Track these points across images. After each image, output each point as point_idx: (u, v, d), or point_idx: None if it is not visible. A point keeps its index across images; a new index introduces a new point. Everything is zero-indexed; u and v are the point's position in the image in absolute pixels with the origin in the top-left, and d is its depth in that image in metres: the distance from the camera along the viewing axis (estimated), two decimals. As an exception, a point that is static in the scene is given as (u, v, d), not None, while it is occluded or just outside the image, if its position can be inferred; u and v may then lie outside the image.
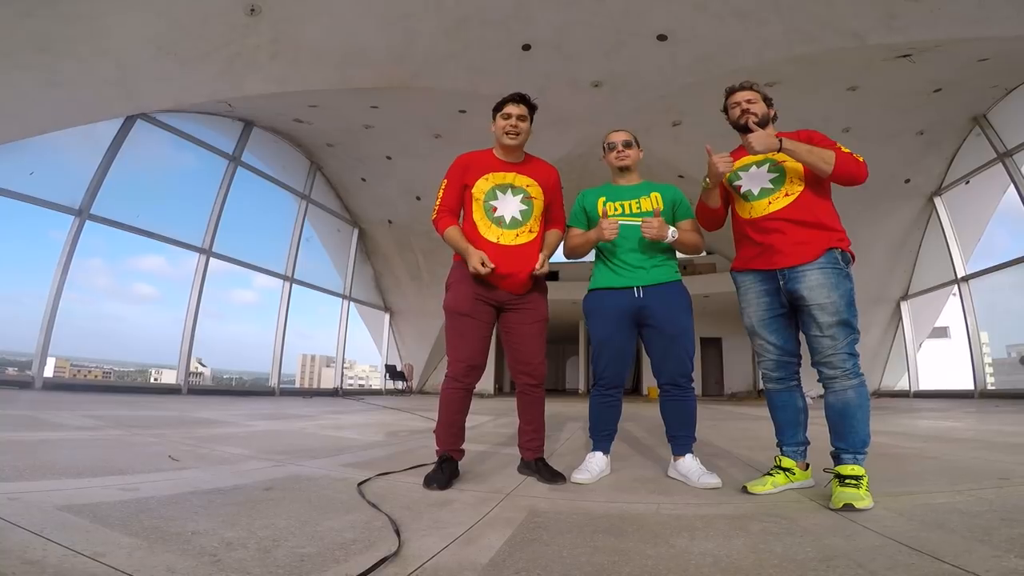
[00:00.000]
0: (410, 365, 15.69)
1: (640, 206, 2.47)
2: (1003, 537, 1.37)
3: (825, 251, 2.03)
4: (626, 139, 2.57)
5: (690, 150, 9.57)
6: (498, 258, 2.35)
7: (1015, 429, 4.31)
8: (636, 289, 2.40)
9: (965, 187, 10.53)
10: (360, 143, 11.13)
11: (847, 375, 1.96)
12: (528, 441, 2.47)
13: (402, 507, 1.79)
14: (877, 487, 1.88)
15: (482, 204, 2.41)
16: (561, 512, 1.81)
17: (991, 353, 10.88)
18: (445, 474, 2.19)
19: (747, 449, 3.44)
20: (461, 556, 1.33)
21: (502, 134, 2.45)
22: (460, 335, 2.36)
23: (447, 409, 2.36)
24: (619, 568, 1.24)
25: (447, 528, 1.57)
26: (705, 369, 18.35)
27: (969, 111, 9.46)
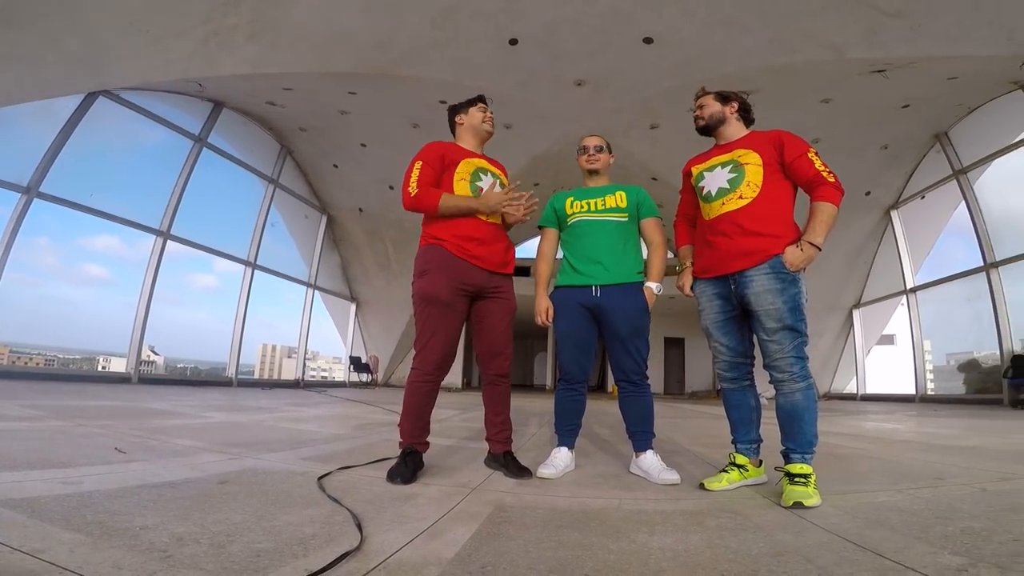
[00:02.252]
0: (375, 357, 15.48)
1: (604, 203, 2.52)
2: (938, 534, 1.45)
3: (772, 257, 2.05)
4: (598, 144, 2.63)
5: (666, 153, 9.80)
6: (487, 234, 2.39)
7: (950, 432, 4.56)
8: (594, 288, 2.44)
9: (920, 202, 11.07)
10: (334, 129, 10.92)
11: (795, 378, 2.02)
12: (497, 433, 2.47)
13: (364, 501, 1.77)
14: (825, 485, 1.96)
15: (468, 184, 2.41)
16: (527, 507, 1.82)
17: (932, 360, 11.51)
18: (409, 468, 2.17)
19: (705, 446, 3.54)
20: (426, 551, 1.32)
21: (480, 123, 2.52)
22: (434, 325, 2.31)
23: (414, 402, 2.32)
24: (582, 563, 1.26)
25: (411, 523, 1.55)
26: (668, 368, 18.76)
27: (932, 128, 9.91)
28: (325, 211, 13.88)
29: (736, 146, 2.25)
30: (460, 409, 6.35)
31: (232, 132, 10.76)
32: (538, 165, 10.86)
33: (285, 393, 9.38)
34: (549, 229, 2.67)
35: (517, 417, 5.56)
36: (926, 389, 10.96)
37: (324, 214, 13.89)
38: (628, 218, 2.51)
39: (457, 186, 2.39)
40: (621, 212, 2.49)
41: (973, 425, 5.24)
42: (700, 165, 2.34)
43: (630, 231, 2.53)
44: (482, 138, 2.56)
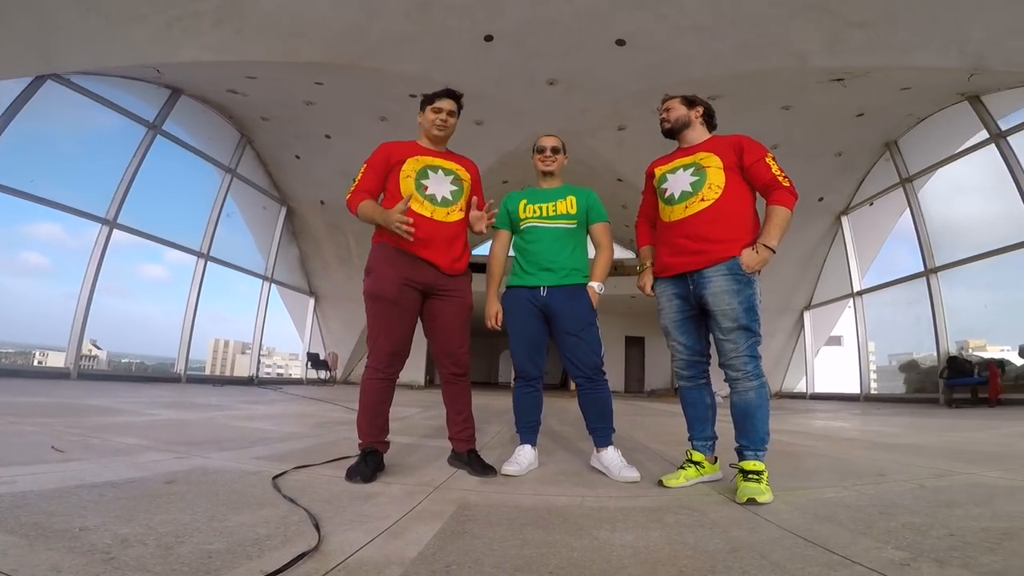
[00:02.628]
0: (334, 354, 15.13)
1: (555, 209, 2.56)
2: (882, 529, 1.51)
3: (729, 259, 2.11)
4: (555, 145, 2.65)
5: (632, 155, 9.94)
6: (433, 231, 2.34)
7: (891, 430, 4.78)
8: (542, 288, 2.50)
9: (868, 208, 11.59)
10: (298, 119, 10.64)
11: (748, 377, 2.08)
12: (460, 431, 2.45)
13: (322, 501, 1.72)
14: (776, 482, 2.02)
15: (413, 181, 2.37)
16: (492, 505, 1.81)
17: (876, 361, 12.10)
18: (369, 467, 2.13)
19: (663, 444, 3.61)
20: (387, 550, 1.29)
21: (431, 125, 2.48)
22: (383, 322, 2.29)
23: (369, 400, 2.29)
24: (547, 560, 1.26)
25: (372, 522, 1.52)
26: (628, 367, 19.04)
27: (883, 136, 10.36)
28: (285, 202, 13.48)
29: (698, 149, 2.31)
30: (422, 407, 6.28)
31: (190, 120, 10.34)
32: (508, 162, 10.86)
33: (238, 390, 9.07)
34: (502, 231, 2.70)
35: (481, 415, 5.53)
36: (870, 388, 11.50)
37: (283, 205, 13.49)
38: (577, 224, 2.56)
39: (403, 184, 2.35)
40: (570, 219, 2.55)
41: (912, 423, 5.50)
42: (663, 167, 2.39)
43: (578, 236, 2.60)
44: (435, 139, 2.51)
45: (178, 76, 9.04)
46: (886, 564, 1.21)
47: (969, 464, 2.64)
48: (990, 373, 8.00)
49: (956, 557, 1.24)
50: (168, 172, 10.40)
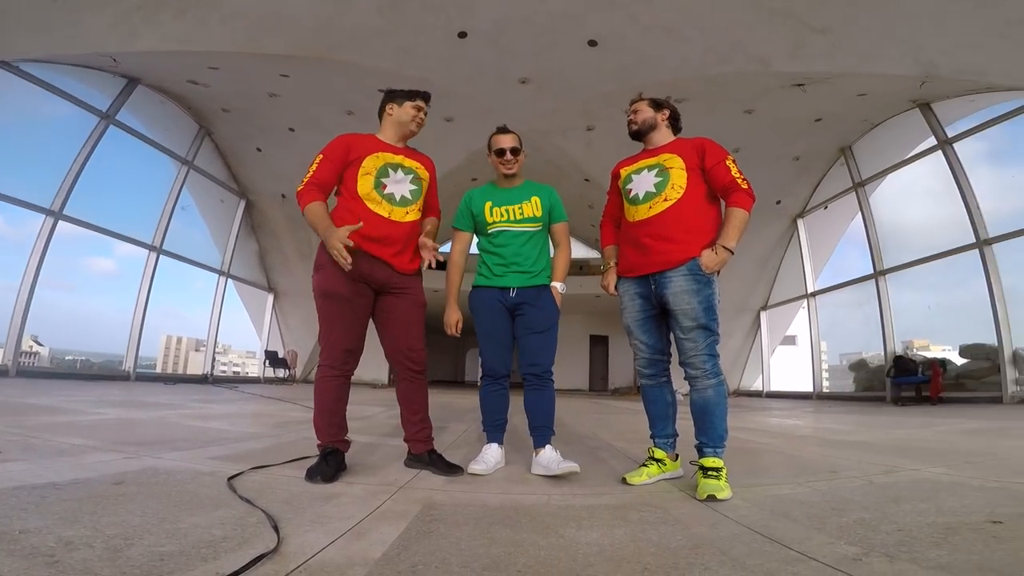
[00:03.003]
0: (294, 352, 14.74)
1: (522, 212, 2.56)
2: (835, 525, 1.55)
3: (690, 259, 2.16)
4: (514, 146, 2.59)
5: (600, 155, 10.01)
6: (390, 231, 2.31)
7: (842, 428, 4.96)
8: (512, 289, 2.51)
9: (823, 211, 12.02)
10: (261, 111, 10.34)
11: (707, 375, 2.13)
12: (417, 432, 2.41)
13: (281, 502, 1.67)
14: (735, 479, 2.07)
15: (372, 179, 2.32)
16: (458, 504, 1.79)
17: (828, 360, 12.60)
18: (330, 467, 2.08)
19: (626, 442, 3.66)
20: (350, 551, 1.26)
21: (410, 121, 2.44)
22: (336, 319, 2.23)
23: (325, 398, 2.23)
24: (515, 559, 1.25)
25: (333, 523, 1.49)
26: (593, 365, 19.24)
27: (839, 142, 10.73)
28: (244, 196, 13.05)
29: (662, 151, 2.35)
30: (385, 406, 6.18)
31: (146, 110, 9.92)
32: (476, 160, 10.80)
33: (191, 389, 8.75)
34: (464, 233, 2.67)
35: (447, 414, 5.51)
36: (822, 387, 11.97)
37: (242, 199, 13.06)
38: (542, 227, 2.59)
39: (361, 182, 2.30)
40: (536, 221, 2.57)
41: (862, 421, 5.71)
42: (628, 168, 2.42)
43: (544, 237, 2.63)
44: (404, 135, 2.47)
45: (136, 65, 8.67)
46: (839, 559, 1.24)
47: (914, 460, 2.75)
48: (933, 372, 8.40)
49: (905, 552, 1.28)
50: (121, 163, 10.00)
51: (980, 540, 1.36)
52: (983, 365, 8.47)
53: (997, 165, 13.98)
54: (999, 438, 3.68)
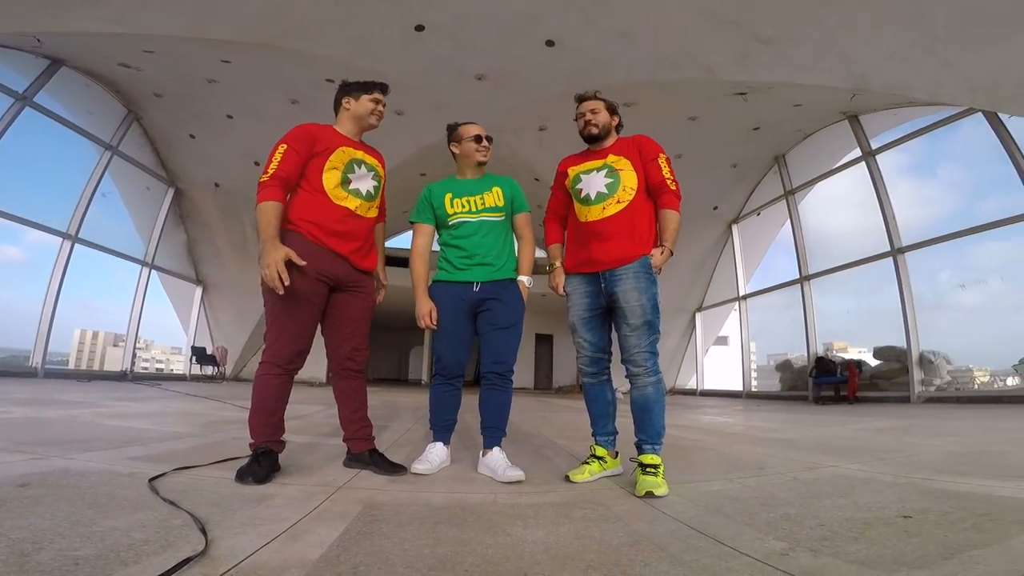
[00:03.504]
0: (223, 348, 14.00)
1: (484, 202, 2.50)
2: (763, 521, 1.59)
3: (640, 258, 2.24)
4: (488, 133, 2.58)
5: (551, 155, 10.01)
6: (356, 227, 2.27)
7: (769, 425, 5.20)
8: (476, 284, 2.43)
9: (756, 218, 12.65)
10: (198, 97, 9.76)
11: (647, 372, 2.19)
12: (357, 431, 2.34)
13: (209, 504, 1.58)
14: (671, 475, 2.13)
15: (339, 173, 2.24)
16: (402, 504, 1.75)
17: (757, 360, 13.30)
18: (263, 468, 1.98)
19: (569, 439, 3.69)
20: (286, 553, 1.20)
21: (368, 114, 2.38)
22: (287, 317, 2.12)
23: (265, 397, 2.12)
24: (461, 559, 1.23)
25: (267, 524, 1.41)
26: (538, 364, 19.41)
27: (774, 150, 11.27)
28: (173, 184, 12.30)
29: (608, 152, 2.41)
30: (324, 404, 5.97)
31: (69, 92, 9.22)
32: (428, 154, 10.65)
33: (108, 386, 8.15)
34: (424, 225, 2.58)
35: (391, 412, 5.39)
36: (751, 386, 12.61)
37: (171, 187, 12.29)
38: (504, 217, 2.53)
39: (327, 175, 2.21)
40: (499, 211, 2.51)
41: (786, 419, 6.00)
42: (576, 167, 2.45)
43: (507, 228, 2.56)
44: (363, 128, 2.41)
45: (62, 46, 8.03)
46: (768, 554, 1.28)
47: (833, 457, 2.91)
48: (850, 373, 9.00)
49: (827, 547, 1.34)
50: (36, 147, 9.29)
51: (893, 534, 1.43)
52: (894, 366, 9.15)
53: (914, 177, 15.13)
54: (906, 436, 3.95)
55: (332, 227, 2.18)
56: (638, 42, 7.80)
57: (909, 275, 8.57)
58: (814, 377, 9.77)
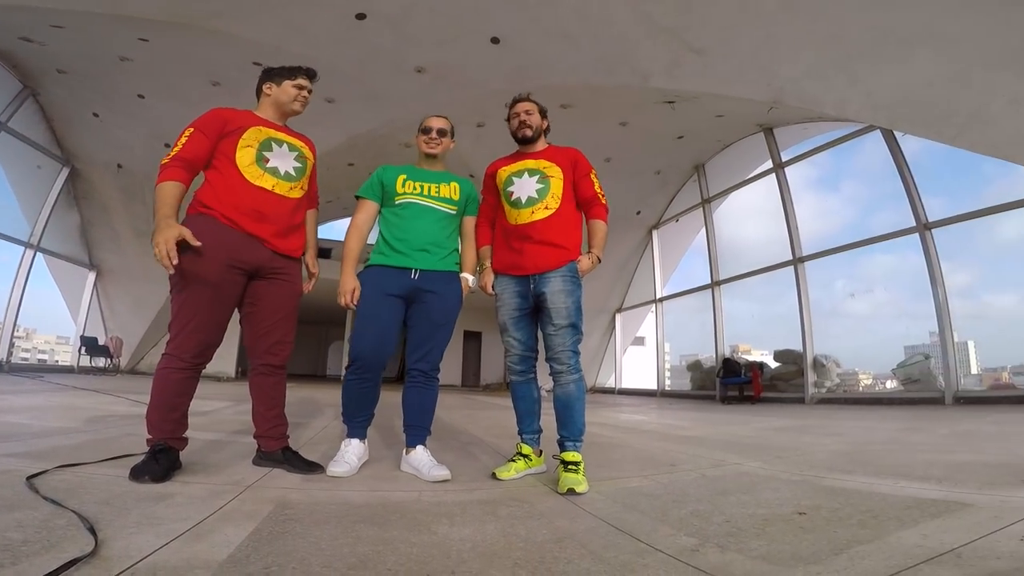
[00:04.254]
0: (118, 338, 12.82)
1: (439, 191, 2.44)
2: (675, 517, 1.64)
3: (567, 262, 2.32)
4: (442, 127, 2.54)
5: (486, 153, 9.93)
6: (274, 206, 2.13)
7: (680, 423, 5.41)
8: (414, 271, 2.32)
9: (675, 224, 13.23)
10: (107, 75, 8.90)
11: (570, 370, 2.26)
12: (271, 429, 2.21)
13: (99, 503, 1.44)
14: (591, 472, 2.19)
15: (254, 151, 2.12)
16: (317, 503, 1.67)
17: (671, 360, 13.91)
18: (161, 465, 1.83)
19: (496, 437, 3.69)
20: (188, 553, 1.12)
21: (291, 100, 2.28)
22: (199, 308, 1.97)
23: (166, 392, 1.97)
24: (384, 558, 1.19)
25: (166, 524, 1.31)
26: (466, 361, 19.28)
27: (695, 159, 11.75)
28: (68, 163, 11.19)
29: (541, 156, 2.47)
30: (233, 400, 5.61)
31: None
32: (357, 144, 10.28)
33: (-22, 376, 7.24)
34: (369, 201, 2.44)
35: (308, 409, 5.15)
36: (665, 385, 13.19)
37: (66, 166, 11.17)
38: (456, 212, 2.47)
39: (240, 154, 2.09)
40: (452, 204, 2.44)
41: (697, 417, 6.25)
42: (508, 168, 2.48)
43: (455, 223, 2.50)
44: (285, 115, 2.31)
45: None
46: (681, 550, 1.33)
47: (737, 455, 3.06)
48: (753, 374, 9.56)
49: (733, 543, 1.39)
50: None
51: (791, 531, 1.49)
52: (791, 368, 9.78)
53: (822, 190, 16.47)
54: (801, 435, 4.23)
55: (246, 206, 2.05)
56: (579, 45, 7.89)
57: (808, 283, 9.27)
58: (721, 377, 10.26)
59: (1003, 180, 7.16)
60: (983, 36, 5.59)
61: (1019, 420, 4.50)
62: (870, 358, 10.05)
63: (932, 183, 7.90)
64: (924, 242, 7.40)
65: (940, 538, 1.37)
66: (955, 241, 7.44)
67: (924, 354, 8.31)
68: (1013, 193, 6.72)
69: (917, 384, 8.10)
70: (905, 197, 7.69)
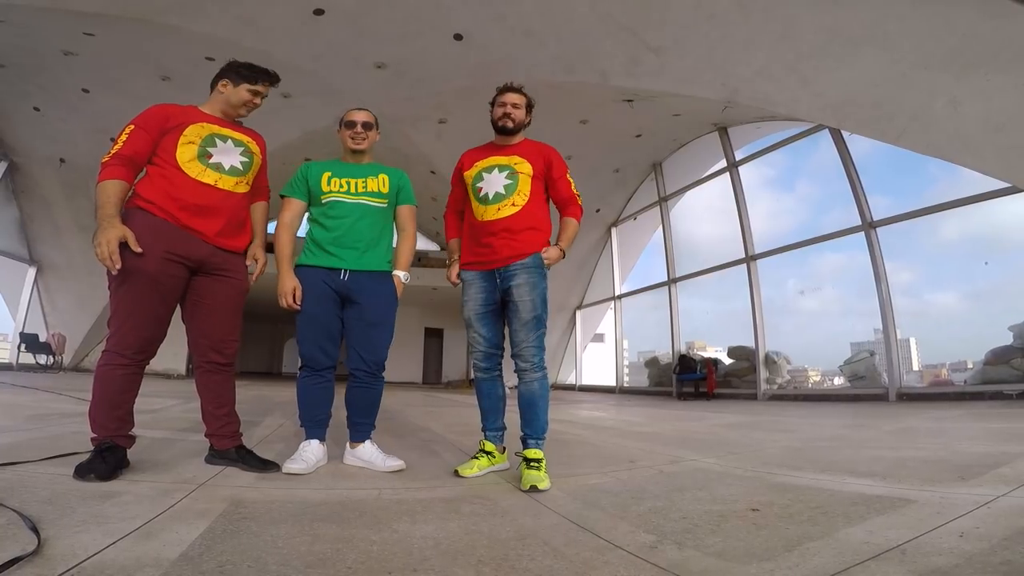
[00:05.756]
0: (60, 335, 12.24)
1: (367, 186, 2.38)
2: (635, 514, 1.65)
3: (532, 253, 2.31)
4: (367, 120, 2.45)
5: (449, 149, 9.85)
6: (217, 201, 2.08)
7: (638, 420, 5.50)
8: (343, 271, 2.29)
9: (633, 222, 13.40)
10: (49, 69, 8.48)
11: (534, 368, 2.26)
12: (222, 427, 2.17)
13: (41, 501, 1.39)
14: (552, 469, 2.19)
15: (196, 147, 2.07)
16: (274, 501, 1.63)
17: (629, 357, 14.08)
18: (107, 463, 1.78)
19: (458, 434, 3.67)
20: (137, 552, 1.08)
21: (241, 104, 2.22)
22: (133, 302, 1.92)
23: (108, 389, 1.91)
24: (343, 556, 1.18)
25: (113, 523, 1.27)
26: (427, 358, 19.08)
27: (652, 158, 11.89)
28: (7, 157, 10.71)
29: (513, 152, 2.44)
30: (182, 398, 5.40)
31: None
32: (314, 140, 10.05)
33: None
34: (294, 200, 2.38)
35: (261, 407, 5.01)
36: (623, 382, 13.33)
37: (4, 160, 10.72)
38: (387, 204, 2.42)
39: (181, 150, 2.04)
40: (381, 198, 2.40)
41: (654, 414, 6.34)
42: (480, 163, 2.45)
43: (387, 218, 2.46)
44: (230, 115, 2.24)
45: None
46: (640, 547, 1.34)
47: (693, 451, 3.10)
48: (708, 371, 9.72)
49: (690, 539, 1.40)
50: None
51: (745, 527, 1.51)
52: (744, 365, 10.04)
53: (776, 189, 16.99)
54: (753, 431, 4.32)
55: (186, 200, 2.00)
56: (541, 41, 7.90)
57: (760, 281, 9.51)
58: (677, 374, 10.43)
59: (946, 180, 7.40)
60: (924, 37, 5.75)
61: (957, 416, 4.65)
62: (818, 355, 10.41)
63: (880, 183, 8.12)
64: (869, 240, 7.63)
65: (885, 535, 1.39)
66: (900, 240, 7.67)
67: (869, 351, 8.58)
68: (954, 192, 6.94)
69: (863, 381, 8.39)
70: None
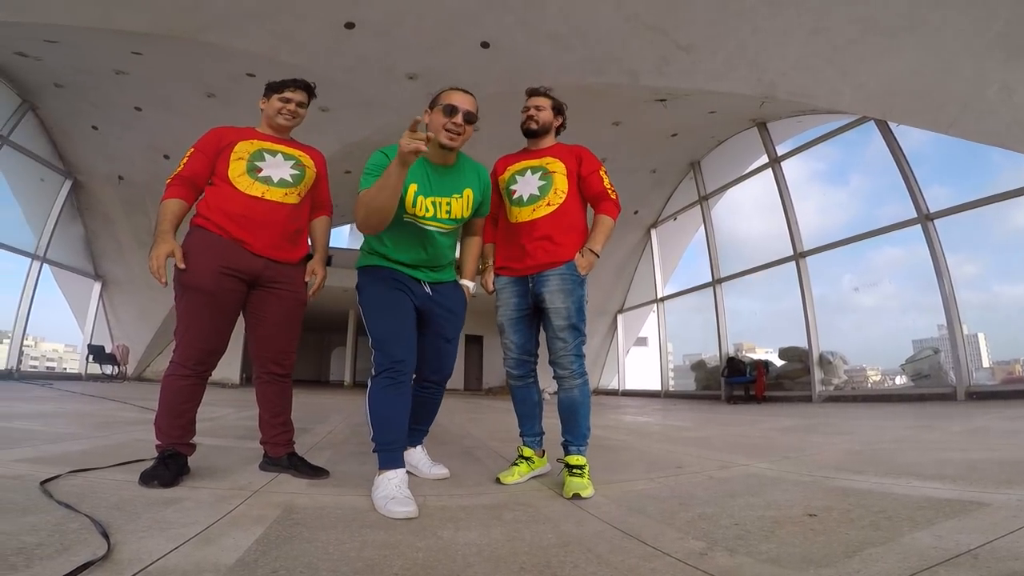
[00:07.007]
0: (124, 346, 12.97)
1: (451, 210, 2.10)
2: (683, 520, 1.62)
3: (565, 261, 2.24)
4: (470, 110, 2.08)
5: (481, 156, 9.75)
6: (264, 214, 2.13)
7: (685, 425, 5.41)
8: (425, 283, 2.13)
9: (673, 222, 13.16)
10: (103, 88, 9.00)
11: (574, 375, 2.22)
12: (278, 435, 2.24)
13: (110, 507, 1.46)
14: (596, 475, 2.16)
15: (245, 162, 2.15)
16: (324, 507, 1.67)
17: (674, 360, 13.75)
18: (170, 470, 1.87)
19: (499, 441, 3.69)
20: (197, 557, 1.13)
21: (275, 114, 2.28)
22: (197, 315, 2.02)
23: (172, 399, 2.01)
24: (390, 562, 1.20)
25: (176, 528, 1.33)
26: (468, 365, 19.24)
27: (690, 156, 11.67)
28: (71, 175, 11.35)
29: (545, 154, 2.42)
30: (237, 407, 5.64)
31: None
32: (352, 152, 10.31)
33: (-11, 385, 7.31)
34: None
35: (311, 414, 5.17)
36: (669, 386, 13.04)
37: (68, 179, 11.34)
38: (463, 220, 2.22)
39: (233, 166, 2.13)
40: (460, 223, 2.20)
41: (701, 418, 6.23)
42: (513, 167, 2.44)
43: (458, 233, 2.30)
44: (276, 128, 2.30)
45: None
46: (689, 554, 1.30)
47: (744, 456, 3.02)
48: (758, 373, 9.42)
49: (742, 546, 1.36)
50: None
51: (801, 533, 1.47)
52: (796, 366, 9.69)
53: (827, 183, 16.31)
54: (809, 434, 4.19)
55: (234, 211, 2.08)
56: (567, 45, 7.88)
57: (810, 278, 9.17)
58: (726, 377, 10.15)
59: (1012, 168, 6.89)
60: (965, 24, 5.55)
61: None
62: (878, 353, 9.92)
63: (940, 174, 7.70)
64: (927, 233, 7.32)
65: (955, 539, 1.32)
66: (963, 231, 7.30)
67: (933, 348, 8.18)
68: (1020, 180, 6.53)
69: (927, 379, 7.99)
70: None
